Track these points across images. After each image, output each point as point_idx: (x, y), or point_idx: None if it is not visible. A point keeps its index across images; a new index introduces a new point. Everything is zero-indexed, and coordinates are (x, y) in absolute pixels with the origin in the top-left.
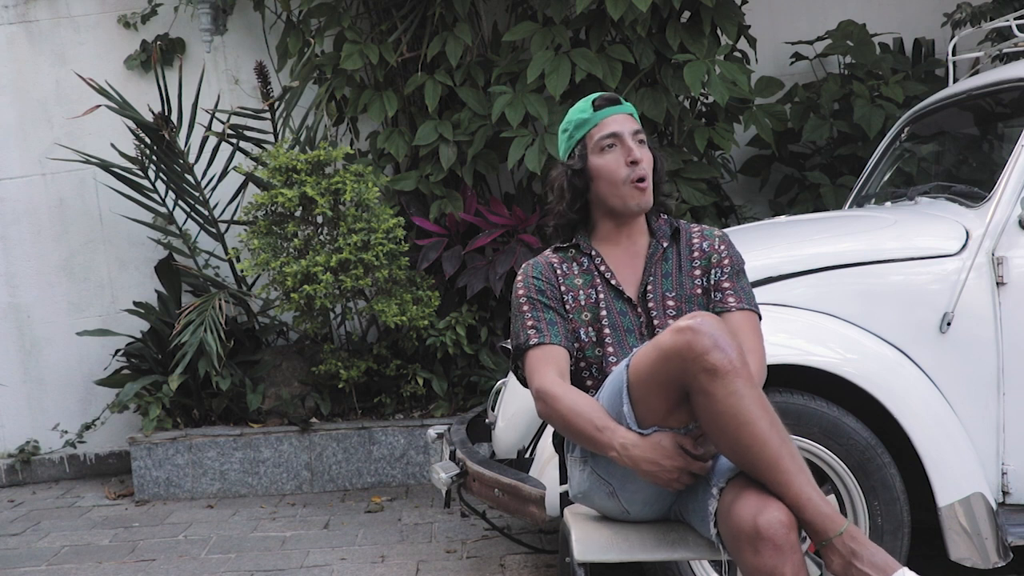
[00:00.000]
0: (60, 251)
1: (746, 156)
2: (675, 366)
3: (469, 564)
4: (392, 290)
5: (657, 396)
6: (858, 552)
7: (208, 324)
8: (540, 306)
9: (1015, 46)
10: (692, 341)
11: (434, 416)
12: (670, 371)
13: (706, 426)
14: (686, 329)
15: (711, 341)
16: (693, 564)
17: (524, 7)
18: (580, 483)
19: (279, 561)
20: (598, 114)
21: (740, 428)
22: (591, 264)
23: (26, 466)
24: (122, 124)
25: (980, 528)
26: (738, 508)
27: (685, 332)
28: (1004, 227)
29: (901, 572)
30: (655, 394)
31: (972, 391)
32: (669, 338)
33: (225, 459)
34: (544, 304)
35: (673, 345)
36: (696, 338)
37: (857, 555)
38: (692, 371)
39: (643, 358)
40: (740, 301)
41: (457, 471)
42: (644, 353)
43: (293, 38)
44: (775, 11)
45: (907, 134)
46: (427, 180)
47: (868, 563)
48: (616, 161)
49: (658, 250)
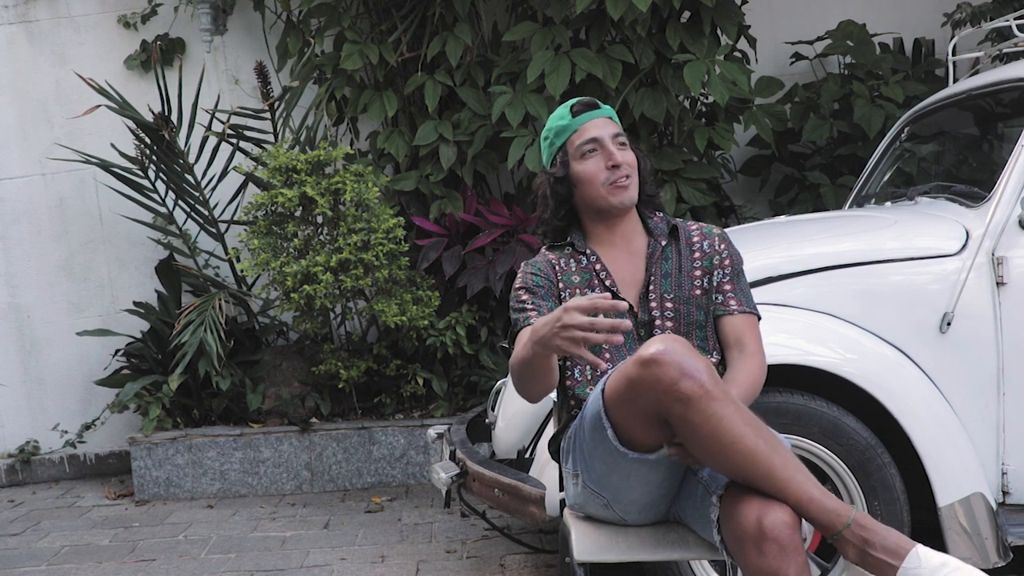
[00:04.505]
0: (60, 251)
1: (746, 156)
2: (646, 398)
3: (469, 564)
4: (392, 290)
5: (635, 421)
6: (870, 539)
7: (208, 324)
8: (539, 294)
9: (1015, 46)
10: (658, 374)
11: (434, 416)
12: (642, 401)
13: (692, 449)
14: (650, 361)
15: (677, 371)
16: (693, 564)
17: (524, 7)
18: (575, 496)
19: (279, 561)
20: (577, 120)
21: (725, 448)
22: (588, 263)
23: (26, 466)
24: (122, 124)
25: (980, 528)
26: (741, 511)
27: (650, 365)
28: (1004, 227)
29: (915, 550)
30: (633, 420)
31: (972, 391)
32: (635, 371)
33: (225, 459)
34: (542, 294)
35: (640, 378)
36: (662, 371)
37: (870, 543)
38: (665, 403)
39: (615, 386)
40: (742, 304)
41: (457, 471)
42: (615, 380)
43: (293, 38)
44: (775, 11)
45: (907, 134)
46: (427, 180)
47: (881, 548)
48: (597, 166)
49: (657, 249)
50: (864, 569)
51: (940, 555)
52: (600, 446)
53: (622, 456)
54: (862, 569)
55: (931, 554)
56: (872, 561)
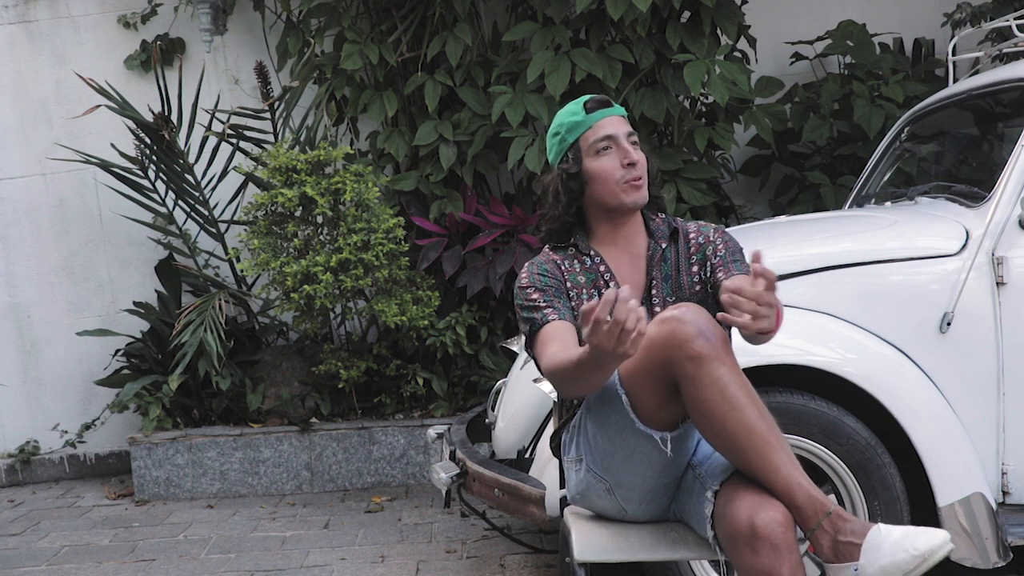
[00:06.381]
0: (60, 251)
1: (746, 156)
2: (661, 355)
3: (469, 564)
4: (392, 290)
5: (648, 389)
6: (841, 527)
7: (208, 324)
8: (550, 292)
9: (1015, 46)
10: (676, 329)
11: (434, 416)
12: (657, 361)
13: (694, 414)
14: (670, 319)
15: (694, 329)
16: (693, 564)
17: (524, 7)
18: (577, 484)
19: (279, 561)
20: (591, 116)
21: (726, 414)
22: (593, 264)
23: (26, 466)
24: (122, 124)
25: (980, 528)
26: (734, 509)
27: (669, 322)
28: (1004, 227)
29: (877, 527)
30: (646, 387)
31: (972, 391)
32: (654, 328)
33: (225, 459)
34: (553, 289)
35: (658, 335)
36: (679, 327)
37: (841, 530)
38: (677, 359)
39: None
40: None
41: (457, 471)
42: None
43: (293, 38)
44: (775, 11)
45: (907, 134)
46: (427, 180)
47: (850, 532)
48: (612, 163)
49: (657, 251)
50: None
51: (903, 527)
52: (607, 419)
53: (629, 426)
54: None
55: (893, 528)
56: (841, 547)
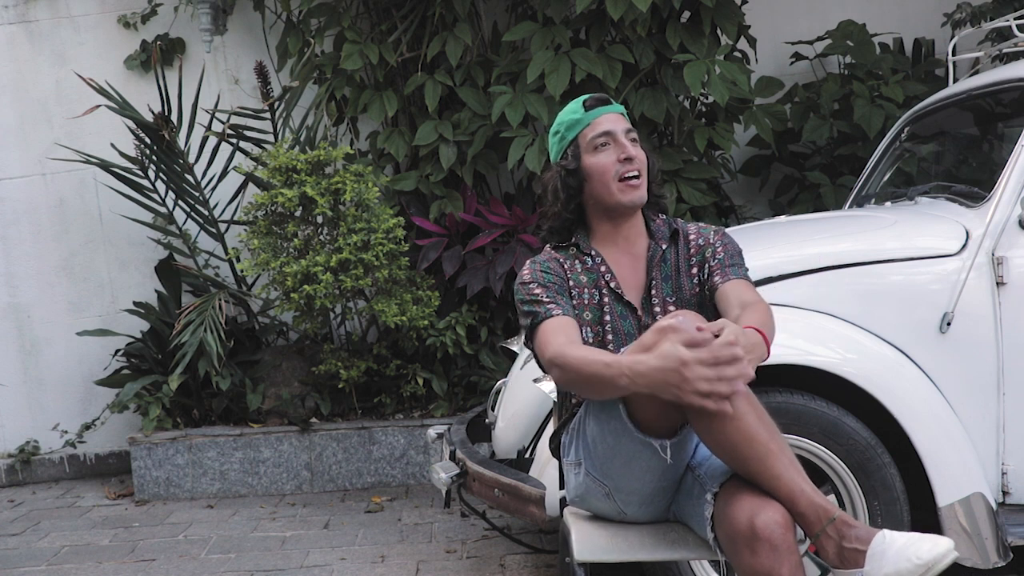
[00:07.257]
0: (60, 251)
1: (746, 156)
2: None
3: (469, 564)
4: (392, 290)
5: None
6: (846, 534)
7: (208, 324)
8: (553, 288)
9: (1015, 46)
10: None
11: (434, 416)
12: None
13: (695, 424)
14: (667, 328)
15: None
16: (693, 564)
17: (524, 7)
18: (576, 487)
19: (279, 561)
20: (590, 114)
21: (727, 424)
22: (594, 264)
23: (26, 466)
24: (122, 124)
25: (980, 528)
26: (734, 510)
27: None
28: (1004, 227)
29: (881, 533)
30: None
31: (972, 391)
32: (650, 338)
33: (225, 459)
34: (556, 287)
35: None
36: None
37: (846, 536)
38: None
39: None
40: (725, 275)
41: (457, 471)
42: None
43: (293, 38)
44: (775, 11)
45: (907, 134)
46: (427, 180)
47: (855, 539)
48: (609, 159)
49: (657, 252)
50: (841, 565)
51: (907, 535)
52: (607, 425)
53: (628, 434)
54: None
55: (897, 536)
56: (847, 554)
